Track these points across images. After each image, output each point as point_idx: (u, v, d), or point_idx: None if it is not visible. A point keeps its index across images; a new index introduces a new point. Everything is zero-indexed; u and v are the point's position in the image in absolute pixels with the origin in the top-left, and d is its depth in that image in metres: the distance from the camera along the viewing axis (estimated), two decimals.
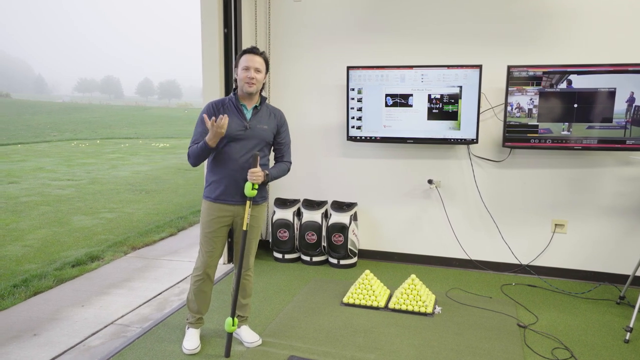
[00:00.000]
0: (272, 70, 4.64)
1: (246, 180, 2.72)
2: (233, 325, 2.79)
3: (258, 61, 2.69)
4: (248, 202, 2.74)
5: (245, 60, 2.69)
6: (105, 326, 3.29)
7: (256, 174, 2.67)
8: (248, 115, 2.77)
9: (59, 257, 4.85)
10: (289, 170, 2.95)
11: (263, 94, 2.94)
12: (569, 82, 3.73)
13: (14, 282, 4.05)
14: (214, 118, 2.56)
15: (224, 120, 2.55)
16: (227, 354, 2.80)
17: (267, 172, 2.75)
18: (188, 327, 2.97)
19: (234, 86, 2.81)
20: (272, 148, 2.94)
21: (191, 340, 2.89)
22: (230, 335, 2.82)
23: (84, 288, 4.02)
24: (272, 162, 2.97)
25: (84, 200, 7.79)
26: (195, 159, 2.72)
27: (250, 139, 2.75)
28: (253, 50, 2.72)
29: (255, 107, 2.80)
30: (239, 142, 2.72)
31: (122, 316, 3.46)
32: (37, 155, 14.56)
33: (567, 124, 3.80)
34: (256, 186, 2.70)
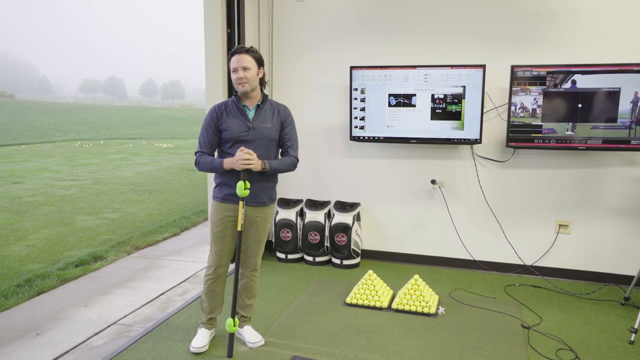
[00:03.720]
0: (275, 70, 4.64)
1: (255, 180, 2.73)
2: (234, 326, 2.79)
3: (245, 59, 2.66)
4: (241, 203, 2.71)
5: (232, 62, 2.68)
6: (108, 326, 3.30)
7: (249, 161, 2.60)
8: (251, 115, 2.77)
9: (62, 257, 4.86)
10: (294, 165, 2.86)
11: (265, 91, 2.94)
12: (574, 82, 3.71)
13: (17, 281, 4.06)
14: (244, 149, 2.62)
15: (252, 154, 2.63)
16: (230, 354, 2.80)
17: (266, 161, 2.71)
18: (200, 327, 2.97)
19: (235, 89, 2.80)
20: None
21: (199, 339, 2.89)
22: (231, 336, 2.82)
23: (87, 288, 4.02)
24: None
25: (87, 200, 7.81)
26: (204, 171, 2.78)
27: (255, 139, 2.74)
28: (237, 51, 2.69)
29: (258, 105, 2.79)
30: (244, 143, 2.72)
31: (125, 316, 3.46)
32: (41, 155, 14.61)
33: (571, 124, 3.78)
34: (248, 185, 2.67)
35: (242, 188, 2.66)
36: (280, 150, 2.92)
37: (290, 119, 2.90)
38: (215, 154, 2.84)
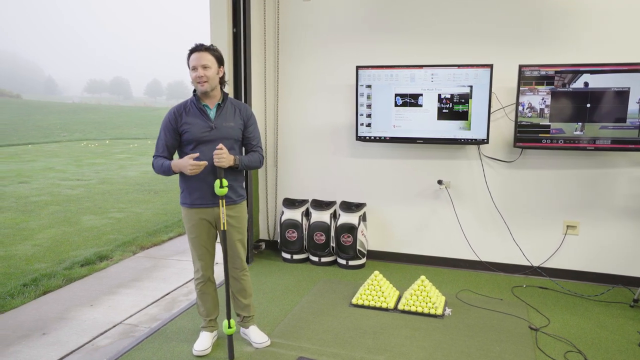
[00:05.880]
0: (280, 69, 4.63)
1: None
2: (230, 328, 2.76)
3: (205, 58, 2.61)
4: (221, 201, 2.67)
5: (191, 60, 2.63)
6: (114, 326, 3.30)
7: (220, 156, 2.58)
8: (212, 114, 2.71)
9: (68, 256, 4.87)
10: (261, 162, 2.86)
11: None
12: (586, 84, 3.67)
13: (23, 281, 4.07)
14: (194, 157, 2.58)
15: (202, 166, 2.58)
16: (231, 356, 2.78)
17: (237, 156, 2.69)
18: (201, 330, 2.96)
19: (193, 88, 2.74)
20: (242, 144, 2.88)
21: (201, 342, 2.88)
22: (230, 338, 2.79)
23: (92, 288, 4.03)
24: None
25: (93, 200, 7.84)
26: (159, 174, 2.72)
27: (218, 139, 2.68)
28: (197, 48, 2.64)
29: (219, 105, 2.73)
30: (206, 144, 2.67)
31: (131, 316, 3.46)
32: (47, 155, 14.68)
33: (579, 124, 3.75)
34: (225, 183, 2.64)
35: (218, 186, 2.62)
36: (245, 150, 2.89)
37: (253, 118, 2.86)
38: (177, 156, 2.78)
